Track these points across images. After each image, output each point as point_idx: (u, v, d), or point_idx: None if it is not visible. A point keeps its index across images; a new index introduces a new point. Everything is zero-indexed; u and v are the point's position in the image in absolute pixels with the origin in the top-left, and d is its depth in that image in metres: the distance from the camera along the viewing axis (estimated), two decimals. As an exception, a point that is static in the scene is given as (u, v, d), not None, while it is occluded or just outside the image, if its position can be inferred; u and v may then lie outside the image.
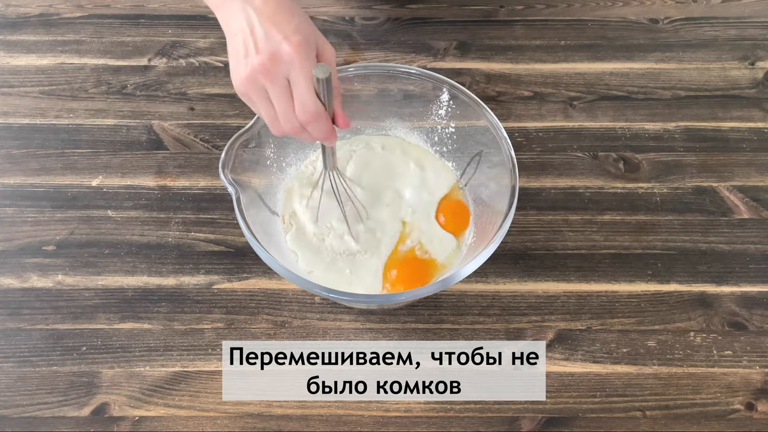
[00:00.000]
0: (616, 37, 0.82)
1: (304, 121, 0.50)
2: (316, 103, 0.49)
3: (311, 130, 0.51)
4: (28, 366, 0.60)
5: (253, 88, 0.49)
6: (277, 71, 0.47)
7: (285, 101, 0.49)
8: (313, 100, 0.48)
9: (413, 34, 0.82)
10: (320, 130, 0.51)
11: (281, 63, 0.47)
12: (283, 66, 0.47)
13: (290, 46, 0.46)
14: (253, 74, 0.48)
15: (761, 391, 0.59)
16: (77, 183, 0.70)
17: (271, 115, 0.51)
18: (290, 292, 0.63)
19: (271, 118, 0.51)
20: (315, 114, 0.49)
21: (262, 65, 0.47)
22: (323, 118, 0.50)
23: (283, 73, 0.48)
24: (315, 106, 0.49)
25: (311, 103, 0.48)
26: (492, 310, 0.62)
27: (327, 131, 0.51)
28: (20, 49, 0.80)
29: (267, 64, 0.47)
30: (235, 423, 0.57)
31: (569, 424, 0.57)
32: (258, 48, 0.47)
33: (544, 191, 0.69)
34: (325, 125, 0.51)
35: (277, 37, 0.47)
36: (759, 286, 0.64)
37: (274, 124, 0.51)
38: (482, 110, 0.60)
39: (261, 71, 0.47)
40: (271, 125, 0.52)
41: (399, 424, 0.57)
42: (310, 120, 0.49)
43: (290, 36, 0.47)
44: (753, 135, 0.73)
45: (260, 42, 0.47)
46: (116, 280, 0.64)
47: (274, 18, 0.47)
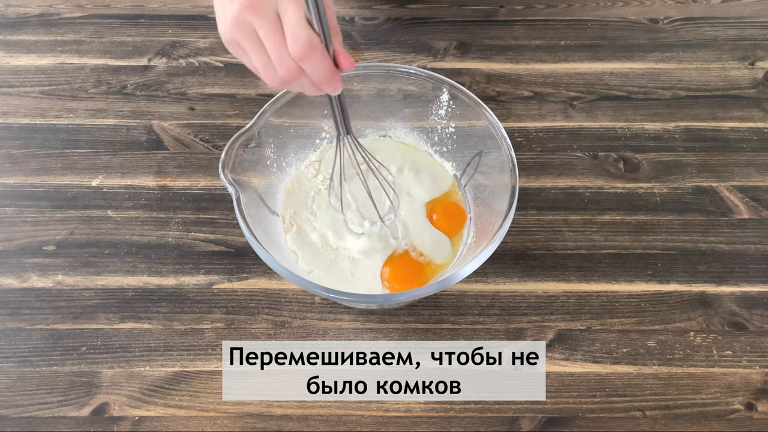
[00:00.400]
0: (616, 37, 0.82)
1: (298, 55, 0.44)
2: (309, 33, 0.44)
3: (308, 69, 0.46)
4: (28, 366, 0.60)
5: (241, 30, 0.45)
6: (263, 4, 0.43)
7: (275, 37, 0.44)
8: (306, 31, 0.44)
9: (413, 34, 0.82)
10: (318, 67, 0.45)
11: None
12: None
13: None
14: (240, 13, 0.44)
15: (761, 391, 0.59)
16: (77, 183, 0.70)
17: (264, 61, 0.46)
18: (290, 292, 0.63)
19: (265, 64, 0.46)
20: (309, 45, 0.44)
21: (248, 0, 0.43)
22: (319, 52, 0.44)
23: (271, 6, 0.43)
24: (308, 36, 0.44)
25: (304, 34, 0.44)
26: (492, 310, 0.62)
27: (326, 70, 0.46)
28: (20, 49, 0.80)
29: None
30: (235, 423, 0.57)
31: (569, 424, 0.57)
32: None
33: (544, 191, 0.69)
34: (322, 62, 0.45)
35: None
36: (759, 286, 0.64)
37: (269, 70, 0.46)
38: (482, 110, 0.60)
39: (247, 7, 0.43)
40: (267, 74, 0.47)
41: (399, 424, 0.57)
42: (304, 54, 0.44)
43: None
44: (753, 135, 0.73)
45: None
46: (116, 280, 0.64)
47: None
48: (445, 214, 0.64)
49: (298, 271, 0.60)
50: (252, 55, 0.46)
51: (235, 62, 0.79)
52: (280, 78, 0.47)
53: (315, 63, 0.45)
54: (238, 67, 0.78)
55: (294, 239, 0.62)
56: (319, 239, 0.62)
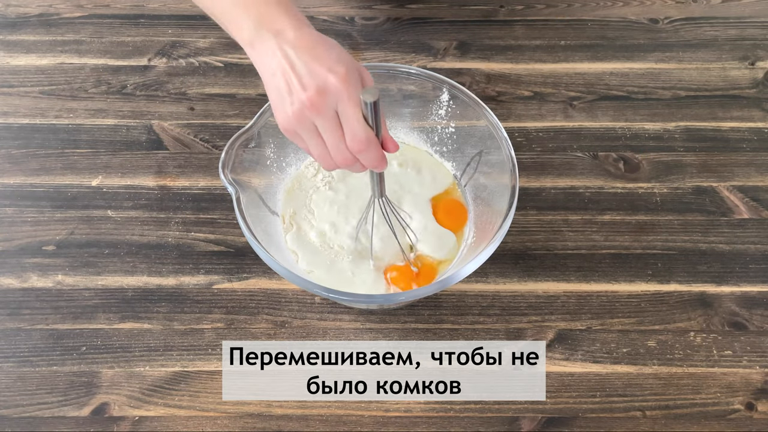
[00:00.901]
0: (616, 37, 0.82)
1: (356, 150, 0.48)
2: (367, 131, 0.47)
3: (363, 159, 0.49)
4: (28, 366, 0.60)
5: (301, 125, 0.48)
6: (325, 105, 0.46)
7: (335, 134, 0.48)
8: (363, 128, 0.47)
9: (413, 34, 0.82)
10: (372, 157, 0.49)
11: (329, 96, 0.46)
12: (330, 99, 0.46)
13: (336, 77, 0.45)
14: (302, 110, 0.47)
15: (761, 391, 0.59)
16: (77, 183, 0.70)
17: (321, 151, 0.49)
18: (290, 292, 0.63)
19: (322, 153, 0.50)
20: (366, 142, 0.48)
21: (310, 100, 0.46)
22: (374, 145, 0.48)
23: (332, 106, 0.46)
24: (366, 134, 0.47)
25: (362, 131, 0.47)
26: (492, 310, 0.62)
27: (378, 158, 0.50)
28: (20, 49, 0.80)
29: (314, 98, 0.46)
30: (235, 423, 0.57)
31: (569, 424, 0.57)
32: (303, 84, 0.46)
33: (544, 191, 0.69)
34: (376, 152, 0.49)
35: (321, 70, 0.46)
36: (759, 286, 0.64)
37: (325, 158, 0.50)
38: (482, 110, 0.60)
39: (309, 107, 0.46)
40: (322, 160, 0.50)
41: (399, 424, 0.57)
42: (362, 149, 0.48)
43: (334, 67, 0.46)
44: (753, 135, 0.73)
45: (304, 77, 0.46)
46: (116, 280, 0.64)
47: (313, 51, 0.46)
48: (447, 211, 0.64)
49: (298, 271, 0.60)
50: (310, 145, 0.50)
51: (235, 62, 0.79)
52: (336, 164, 0.51)
53: (369, 154, 0.49)
54: (238, 67, 0.78)
55: (294, 239, 0.62)
56: (319, 239, 0.63)
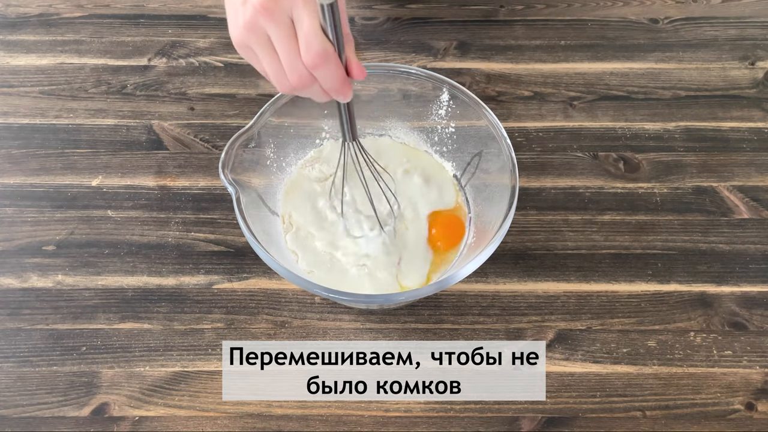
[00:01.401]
0: (616, 37, 0.82)
1: (311, 64, 0.44)
2: (323, 41, 0.43)
3: (321, 77, 0.45)
4: (27, 366, 0.60)
5: (253, 34, 0.44)
6: (278, 9, 0.43)
7: (288, 43, 0.44)
8: (319, 39, 0.43)
9: (413, 34, 0.82)
10: (330, 76, 0.45)
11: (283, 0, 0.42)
12: (284, 2, 0.43)
13: None
14: (254, 17, 0.43)
15: (761, 391, 0.59)
16: (77, 183, 0.70)
17: (275, 67, 0.46)
18: (290, 292, 0.63)
19: (276, 70, 0.46)
20: (323, 53, 0.43)
21: (262, 4, 0.43)
22: (332, 61, 0.44)
23: (286, 11, 0.43)
24: (322, 44, 0.43)
25: (318, 42, 0.43)
26: (492, 310, 0.62)
27: (338, 78, 0.45)
28: (20, 49, 0.80)
29: (267, 3, 0.42)
30: (235, 423, 0.57)
31: (569, 424, 0.57)
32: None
33: (544, 191, 0.69)
34: (335, 70, 0.45)
35: None
36: (759, 286, 0.64)
37: (280, 77, 0.46)
38: (482, 110, 0.60)
39: (261, 11, 0.43)
40: (277, 79, 0.46)
41: (399, 424, 0.57)
42: (317, 62, 0.44)
43: None
44: (753, 135, 0.73)
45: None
46: (116, 280, 0.64)
47: None
48: (445, 225, 0.64)
49: (298, 271, 0.60)
50: (263, 60, 0.46)
51: (235, 62, 0.79)
52: (291, 85, 0.46)
53: (327, 72, 0.45)
54: (238, 67, 0.78)
55: (294, 239, 0.62)
56: (319, 239, 0.62)
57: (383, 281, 0.60)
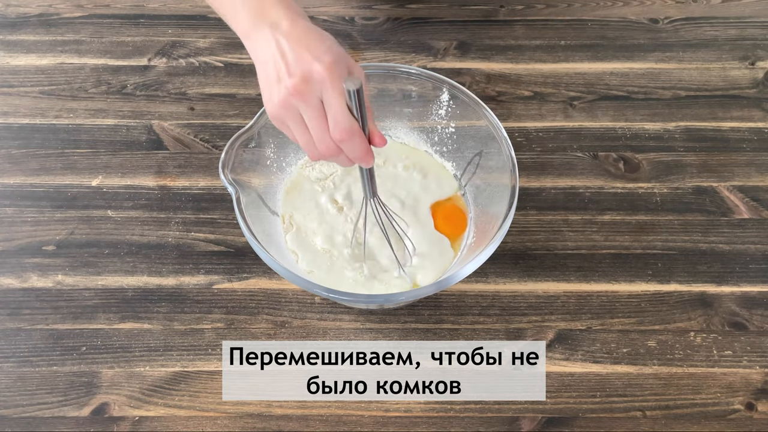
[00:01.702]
0: (616, 37, 0.82)
1: (339, 139, 0.49)
2: (350, 120, 0.48)
3: (347, 150, 0.50)
4: (28, 366, 0.60)
5: (287, 112, 0.49)
6: (310, 92, 0.47)
7: (319, 122, 0.48)
8: (346, 117, 0.48)
9: (413, 34, 0.82)
10: (356, 149, 0.50)
11: (314, 83, 0.47)
12: (315, 86, 0.47)
13: (322, 65, 0.46)
14: (287, 97, 0.47)
15: (761, 391, 0.59)
16: (77, 183, 0.70)
17: (306, 139, 0.50)
18: (290, 292, 0.63)
19: (307, 141, 0.50)
20: (350, 131, 0.48)
21: (295, 87, 0.47)
22: (358, 136, 0.49)
23: (316, 94, 0.47)
24: (349, 123, 0.48)
25: (345, 120, 0.48)
26: (492, 310, 0.62)
27: (363, 150, 0.50)
28: (20, 49, 0.80)
29: (300, 86, 0.46)
30: (235, 423, 0.57)
31: (569, 424, 0.57)
32: (290, 71, 0.47)
33: (544, 191, 0.69)
34: (360, 143, 0.49)
35: (309, 58, 0.46)
36: (759, 286, 0.64)
37: (310, 147, 0.51)
38: (482, 110, 0.60)
39: (294, 93, 0.47)
40: (308, 149, 0.51)
41: (399, 424, 0.57)
42: (345, 138, 0.48)
43: (321, 56, 0.46)
44: (753, 135, 0.73)
45: (292, 65, 0.47)
46: (116, 280, 0.64)
47: (304, 41, 0.47)
48: (447, 216, 0.64)
49: (298, 271, 0.60)
50: (296, 132, 0.50)
51: (235, 62, 0.79)
52: (321, 154, 0.51)
53: (353, 145, 0.49)
54: (238, 67, 0.78)
55: (294, 239, 0.62)
56: (319, 239, 0.62)
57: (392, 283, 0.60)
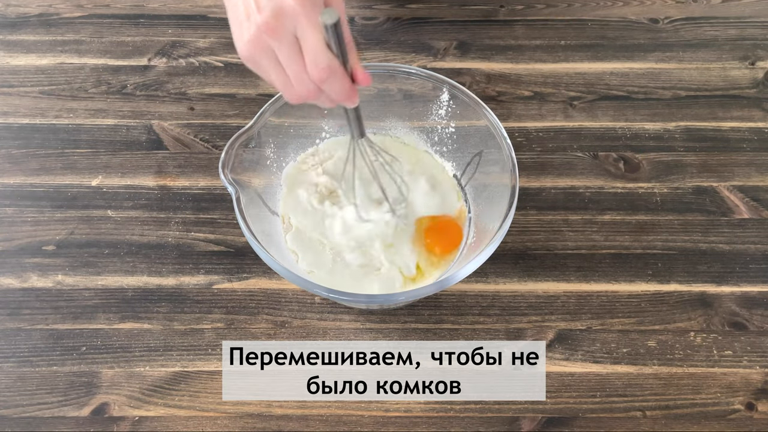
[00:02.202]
0: (616, 37, 0.82)
1: (318, 78, 0.45)
2: (328, 57, 0.44)
3: (328, 90, 0.46)
4: (27, 366, 0.60)
5: (259, 50, 0.45)
6: (282, 28, 0.43)
7: (295, 60, 0.45)
8: (325, 54, 0.44)
9: (413, 33, 0.82)
10: (337, 88, 0.46)
11: (286, 18, 0.43)
12: (288, 21, 0.43)
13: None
14: (258, 34, 0.44)
15: (761, 391, 0.59)
16: (77, 183, 0.70)
17: (282, 80, 0.46)
18: (290, 292, 0.63)
19: (284, 82, 0.47)
20: (329, 68, 0.44)
21: (266, 24, 0.43)
22: (339, 73, 0.45)
23: (290, 29, 0.43)
24: (328, 60, 0.44)
25: (323, 56, 0.44)
26: (492, 310, 0.62)
27: (345, 89, 0.46)
28: (20, 49, 0.80)
29: (271, 21, 0.43)
30: (235, 423, 0.57)
31: (569, 424, 0.57)
32: (260, 6, 0.43)
33: (544, 191, 0.69)
34: (341, 81, 0.46)
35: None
36: (759, 286, 0.64)
37: (288, 89, 0.47)
38: (482, 110, 0.60)
39: (265, 30, 0.43)
40: (285, 91, 0.48)
41: (399, 424, 0.57)
42: (324, 76, 0.45)
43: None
44: (753, 135, 0.73)
45: (262, 0, 0.44)
46: (116, 280, 0.64)
47: None
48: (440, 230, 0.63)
49: (298, 271, 0.60)
50: (271, 73, 0.47)
51: (235, 62, 0.79)
52: (299, 96, 0.47)
53: (334, 84, 0.46)
54: (238, 67, 0.78)
55: (294, 239, 0.62)
56: (319, 238, 0.62)
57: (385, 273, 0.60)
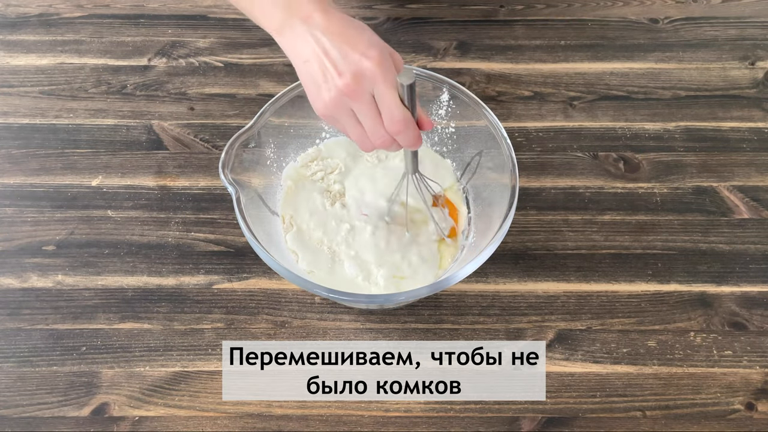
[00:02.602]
0: (616, 37, 0.82)
1: (394, 131, 0.49)
2: (404, 112, 0.48)
3: (401, 139, 0.50)
4: (28, 366, 0.60)
5: (339, 110, 0.49)
6: (362, 90, 0.47)
7: (373, 117, 0.48)
8: (401, 110, 0.48)
9: (413, 34, 0.82)
10: (409, 137, 0.50)
11: (365, 80, 0.46)
12: (366, 83, 0.47)
13: (371, 62, 0.46)
14: (339, 97, 0.47)
15: (761, 391, 0.59)
16: (77, 183, 0.70)
17: (359, 133, 0.50)
18: (290, 292, 0.63)
19: (360, 135, 0.50)
20: (404, 122, 0.48)
21: (347, 86, 0.46)
22: (411, 125, 0.49)
23: (368, 90, 0.47)
24: (404, 115, 0.48)
25: (400, 113, 0.48)
26: (492, 310, 0.62)
27: (415, 137, 0.50)
28: (20, 49, 0.80)
29: (351, 84, 0.46)
30: (235, 423, 0.57)
31: (569, 424, 0.57)
32: (338, 70, 0.47)
33: (544, 191, 0.69)
34: (413, 131, 0.50)
35: (355, 55, 0.46)
36: (759, 286, 0.64)
37: (364, 140, 0.51)
38: (482, 110, 0.60)
39: (346, 92, 0.47)
40: (361, 143, 0.51)
41: (399, 424, 0.57)
42: (400, 129, 0.49)
43: (367, 52, 0.46)
44: (753, 135, 0.73)
45: (339, 64, 0.46)
46: (116, 280, 0.64)
47: (344, 36, 0.47)
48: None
49: (298, 271, 0.60)
50: (348, 128, 0.50)
51: (235, 62, 0.79)
52: (374, 146, 0.51)
53: (408, 133, 0.49)
54: (238, 67, 0.78)
55: (294, 239, 0.62)
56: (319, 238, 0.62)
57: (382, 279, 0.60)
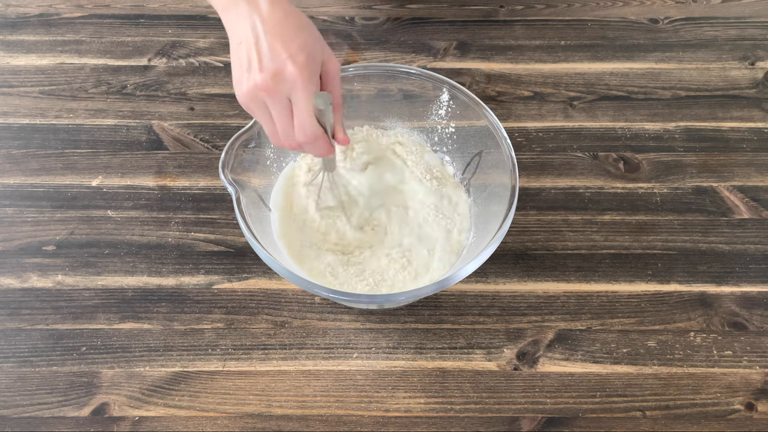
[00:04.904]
0: (616, 37, 0.82)
1: (303, 141, 0.50)
2: (315, 126, 0.49)
3: (309, 149, 0.52)
4: (28, 366, 0.60)
5: (254, 102, 0.49)
6: (278, 90, 0.47)
7: (285, 119, 0.49)
8: (312, 124, 0.49)
9: (413, 34, 0.82)
10: (318, 148, 0.51)
11: (283, 83, 0.47)
12: (285, 86, 0.47)
13: (294, 66, 0.46)
14: (255, 90, 0.48)
15: (761, 391, 0.59)
16: (77, 183, 0.70)
17: (271, 129, 0.51)
18: (290, 292, 0.63)
19: (271, 131, 0.51)
20: (313, 136, 0.49)
21: (264, 83, 0.47)
22: (321, 139, 0.50)
23: (285, 93, 0.47)
24: (314, 129, 0.49)
25: (310, 126, 0.49)
26: (492, 310, 0.62)
27: (325, 149, 0.52)
28: (20, 49, 0.80)
29: (269, 82, 0.47)
30: (235, 423, 0.57)
31: (569, 424, 0.57)
32: (262, 64, 0.47)
33: (544, 191, 0.69)
34: (323, 145, 0.51)
35: (282, 55, 0.46)
36: (759, 286, 0.64)
37: (275, 137, 0.52)
38: (482, 110, 0.60)
39: (263, 88, 0.47)
40: (271, 137, 0.52)
41: (399, 424, 0.57)
42: (309, 141, 0.50)
43: (295, 54, 0.46)
44: (753, 135, 0.73)
45: (264, 58, 0.47)
46: (116, 280, 0.64)
47: (279, 30, 0.47)
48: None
49: (298, 271, 0.60)
50: (261, 120, 0.51)
51: (235, 62, 0.79)
52: (282, 146, 0.52)
53: (316, 146, 0.51)
54: (238, 67, 0.78)
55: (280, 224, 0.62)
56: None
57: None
